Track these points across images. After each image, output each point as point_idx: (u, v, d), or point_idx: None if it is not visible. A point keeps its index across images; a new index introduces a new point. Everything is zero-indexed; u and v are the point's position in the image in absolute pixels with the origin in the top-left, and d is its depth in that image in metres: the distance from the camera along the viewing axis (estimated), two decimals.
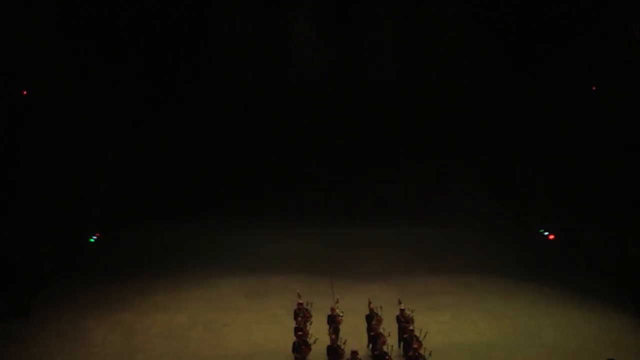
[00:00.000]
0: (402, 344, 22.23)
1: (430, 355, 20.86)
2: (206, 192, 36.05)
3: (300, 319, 23.12)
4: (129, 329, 24.57)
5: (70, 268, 29.55)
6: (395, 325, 22.89)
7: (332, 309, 23.40)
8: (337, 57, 37.27)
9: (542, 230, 33.25)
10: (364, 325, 23.36)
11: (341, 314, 23.28)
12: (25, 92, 28.05)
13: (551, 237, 32.92)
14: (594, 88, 31.22)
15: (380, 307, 23.34)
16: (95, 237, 32.06)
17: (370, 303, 23.47)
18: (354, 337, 22.60)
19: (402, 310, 23.10)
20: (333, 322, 23.02)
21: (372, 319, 22.98)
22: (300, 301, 23.70)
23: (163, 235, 33.46)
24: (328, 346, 21.63)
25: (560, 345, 23.61)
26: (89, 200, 32.57)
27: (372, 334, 22.53)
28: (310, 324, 23.27)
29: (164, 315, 25.67)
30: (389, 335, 21.95)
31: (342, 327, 22.91)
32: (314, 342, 21.82)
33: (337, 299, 24.26)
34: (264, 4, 37.17)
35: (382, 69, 37.65)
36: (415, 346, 20.98)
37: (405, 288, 27.85)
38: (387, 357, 20.90)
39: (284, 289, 27.82)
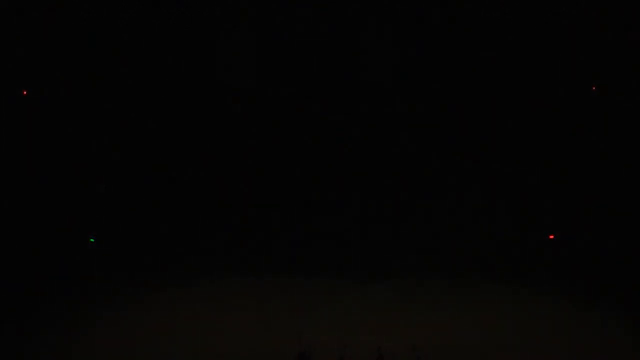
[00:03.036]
0: None
1: None
2: (206, 191, 35.96)
3: None
4: (129, 329, 24.59)
5: (71, 268, 29.58)
6: None
7: None
8: (337, 57, 37.28)
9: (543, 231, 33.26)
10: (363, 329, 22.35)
11: None
12: (25, 92, 28.08)
13: (551, 237, 32.91)
14: (594, 88, 31.24)
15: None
16: (95, 237, 32.05)
17: (379, 348, 21.24)
18: (355, 337, 22.53)
19: None
20: None
21: None
22: (301, 343, 21.47)
23: (163, 235, 33.41)
24: None
25: (559, 345, 23.62)
26: (89, 200, 32.54)
27: None
28: None
29: (164, 315, 25.68)
30: None
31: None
32: None
33: (345, 344, 21.73)
34: (263, 6, 37.18)
35: (382, 70, 37.64)
36: None
37: (405, 288, 27.89)
38: None
39: (283, 289, 27.83)
